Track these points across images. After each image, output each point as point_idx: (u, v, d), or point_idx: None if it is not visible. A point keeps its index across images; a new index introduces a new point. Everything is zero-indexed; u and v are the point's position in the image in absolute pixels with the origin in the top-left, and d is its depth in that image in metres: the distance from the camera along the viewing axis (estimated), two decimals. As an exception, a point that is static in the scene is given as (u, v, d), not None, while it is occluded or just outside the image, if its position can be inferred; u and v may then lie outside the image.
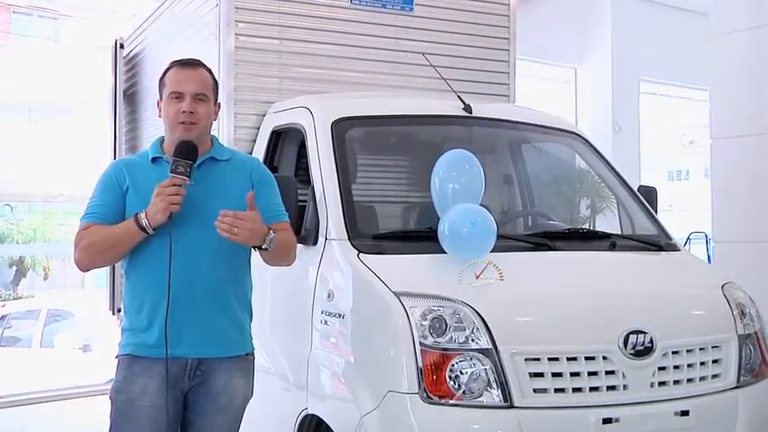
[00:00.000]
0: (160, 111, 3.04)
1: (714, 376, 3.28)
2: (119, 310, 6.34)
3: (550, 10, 9.39)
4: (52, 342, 10.89)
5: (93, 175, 3.11)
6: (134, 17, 6.41)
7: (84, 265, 2.97)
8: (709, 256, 7.86)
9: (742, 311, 3.49)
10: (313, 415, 3.40)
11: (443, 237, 3.23)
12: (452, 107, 3.94)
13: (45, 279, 16.04)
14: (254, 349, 3.11)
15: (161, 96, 3.03)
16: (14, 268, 16.17)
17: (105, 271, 6.71)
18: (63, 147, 12.57)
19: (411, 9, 4.68)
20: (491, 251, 3.19)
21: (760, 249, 5.59)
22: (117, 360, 2.98)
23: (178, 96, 2.92)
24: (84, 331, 10.47)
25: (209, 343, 2.92)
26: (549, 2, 9.34)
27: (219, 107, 3.11)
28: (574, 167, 4.51)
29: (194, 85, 2.95)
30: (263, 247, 2.85)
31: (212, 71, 3.10)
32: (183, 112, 2.90)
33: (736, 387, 3.31)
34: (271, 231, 2.85)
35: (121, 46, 6.47)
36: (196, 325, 2.88)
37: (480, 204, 3.32)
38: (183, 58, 3.10)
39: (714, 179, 6.08)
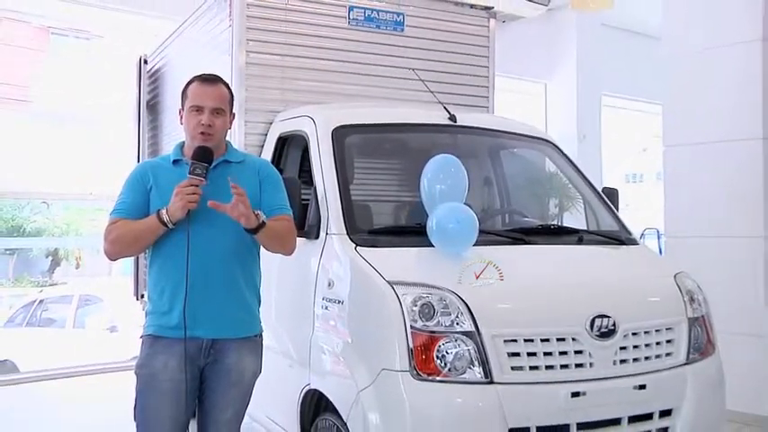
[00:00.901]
0: (181, 118, 3.03)
1: (667, 354, 3.29)
2: (142, 296, 6.34)
3: (524, 32, 9.39)
4: (83, 323, 10.90)
5: (120, 175, 3.11)
6: (156, 36, 6.35)
7: (113, 256, 2.97)
8: (660, 250, 7.85)
9: (691, 297, 3.49)
10: (315, 390, 3.38)
11: (431, 232, 3.21)
12: (439, 117, 3.93)
13: (77, 268, 16.10)
14: (262, 331, 3.10)
15: (183, 106, 3.02)
16: (50, 258, 16.27)
17: (130, 261, 6.68)
18: (93, 151, 12.53)
19: (402, 30, 4.66)
20: (473, 245, 3.18)
21: (705, 243, 5.60)
22: (141, 339, 2.98)
23: (198, 110, 2.93)
24: (112, 314, 10.48)
25: (221, 325, 2.92)
26: (522, 25, 9.34)
27: (234, 117, 3.11)
28: (546, 171, 4.49)
29: (213, 100, 2.95)
30: (253, 228, 2.81)
31: (229, 86, 3.08)
32: (202, 124, 2.89)
33: (685, 363, 3.32)
34: (258, 213, 2.83)
35: (145, 62, 6.44)
36: (210, 309, 2.88)
37: (464, 203, 3.29)
38: (205, 73, 3.08)
39: (666, 181, 6.07)
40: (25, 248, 16.30)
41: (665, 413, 3.22)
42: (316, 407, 3.46)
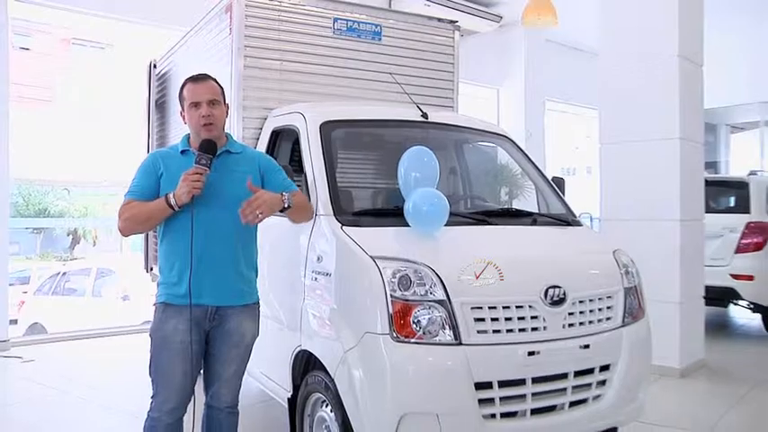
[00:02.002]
0: (184, 119, 2.96)
1: (607, 319, 3.25)
2: (151, 269, 6.24)
3: (480, 45, 9.44)
4: (100, 292, 10.80)
5: (131, 165, 3.05)
6: (165, 43, 6.16)
7: (125, 232, 2.90)
8: (593, 231, 7.84)
9: (627, 270, 3.45)
10: (305, 351, 3.29)
11: (408, 213, 3.11)
12: (413, 114, 3.84)
13: (93, 245, 16.12)
14: (259, 299, 3.04)
15: (182, 107, 2.95)
16: (71, 237, 16.24)
17: (140, 239, 6.56)
18: (108, 144, 12.34)
19: (380, 39, 4.55)
20: (444, 225, 3.10)
21: (633, 225, 5.61)
22: (154, 306, 2.91)
23: (196, 105, 2.86)
24: (124, 285, 10.37)
25: (224, 295, 2.87)
26: (478, 39, 9.36)
27: (228, 107, 3.03)
28: (504, 162, 4.41)
29: (206, 94, 2.89)
30: (286, 206, 2.84)
31: (218, 81, 3.01)
32: (203, 116, 2.83)
33: (621, 326, 3.29)
34: (283, 194, 2.83)
35: (154, 66, 6.28)
36: (214, 281, 2.83)
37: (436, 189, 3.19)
38: (194, 74, 3.01)
39: (601, 173, 6.05)
40: (50, 228, 16.33)
41: (604, 368, 3.19)
42: (305, 365, 3.36)
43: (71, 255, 15.62)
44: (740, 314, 8.36)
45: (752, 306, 7.22)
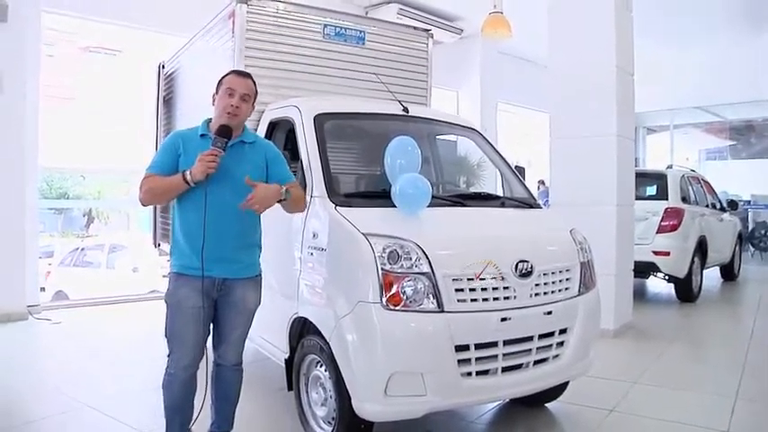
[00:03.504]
0: (214, 101, 2.73)
1: (566, 289, 3.13)
2: (158, 245, 5.96)
3: (442, 53, 9.11)
4: (113, 265, 10.50)
5: (142, 155, 2.89)
6: (170, 48, 5.85)
7: (145, 202, 2.70)
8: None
9: (582, 247, 3.32)
10: (301, 317, 3.09)
11: (395, 196, 2.92)
12: (395, 108, 3.65)
13: (106, 224, 15.76)
14: (261, 272, 2.83)
15: (217, 91, 2.73)
16: (86, 217, 15.86)
17: (149, 218, 6.26)
18: (119, 136, 12.01)
19: (364, 43, 4.33)
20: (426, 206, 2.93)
21: (578, 210, 5.41)
22: (169, 275, 2.73)
23: (231, 93, 2.66)
24: (134, 258, 10.11)
25: (230, 268, 2.67)
26: (441, 48, 9.13)
27: (254, 108, 2.81)
28: (463, 154, 4.24)
29: (244, 88, 2.71)
30: (283, 198, 2.63)
31: (256, 83, 2.80)
32: (232, 105, 2.66)
33: (578, 295, 3.17)
34: (282, 187, 2.64)
35: (162, 66, 5.95)
36: (222, 255, 2.64)
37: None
38: (240, 69, 2.88)
39: (552, 164, 5.92)
40: (69, 209, 15.95)
41: (563, 331, 3.08)
42: (301, 330, 3.15)
43: (87, 232, 15.24)
44: (656, 284, 8.42)
45: (667, 277, 7.26)
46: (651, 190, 7.59)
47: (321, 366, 2.95)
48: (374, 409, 2.64)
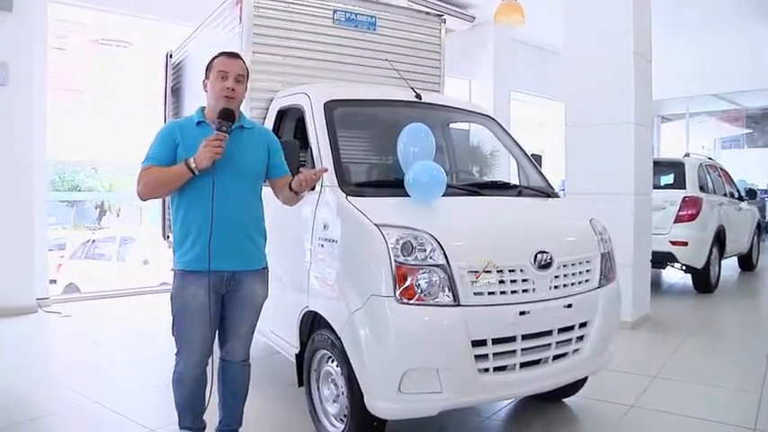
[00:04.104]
0: (205, 87, 2.60)
1: (586, 281, 2.99)
2: (167, 237, 5.83)
3: (454, 41, 9.02)
4: (124, 257, 10.48)
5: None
6: (179, 38, 5.73)
7: (144, 196, 2.52)
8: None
9: (602, 237, 3.18)
10: (312, 311, 2.97)
11: (408, 184, 2.79)
12: (407, 95, 3.51)
13: (117, 216, 15.78)
14: (267, 264, 2.71)
15: (207, 76, 2.59)
16: (98, 209, 15.88)
17: (158, 210, 6.19)
18: (131, 129, 11.97)
19: (375, 29, 4.19)
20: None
21: (594, 198, 5.29)
22: (173, 272, 2.58)
23: (224, 76, 2.52)
24: (144, 251, 10.07)
25: (239, 260, 2.54)
26: (453, 36, 8.99)
27: (247, 89, 2.67)
28: (486, 140, 4.10)
29: (237, 69, 2.57)
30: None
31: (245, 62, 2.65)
32: (228, 88, 2.52)
33: (598, 287, 3.03)
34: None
35: (170, 56, 5.83)
36: (230, 247, 2.51)
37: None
38: (228, 50, 2.67)
39: (567, 152, 5.75)
40: (81, 201, 15.96)
41: (583, 324, 2.95)
42: (311, 324, 3.05)
43: (98, 225, 15.22)
44: (672, 275, 8.26)
45: (684, 268, 7.11)
46: (668, 179, 7.42)
47: (333, 362, 2.85)
48: (387, 406, 2.54)
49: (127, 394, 3.73)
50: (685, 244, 6.84)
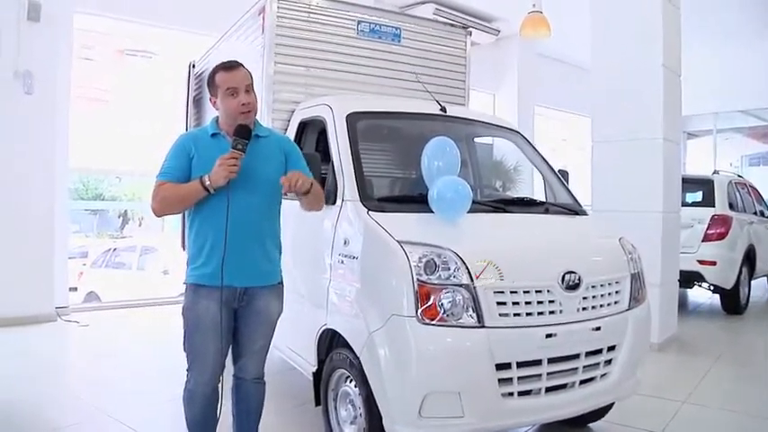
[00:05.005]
0: (214, 105, 2.52)
1: (615, 302, 2.87)
2: (185, 248, 5.80)
3: (479, 55, 8.98)
4: (144, 267, 10.46)
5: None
6: (202, 48, 5.73)
7: (159, 213, 2.47)
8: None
9: (631, 257, 3.05)
10: (330, 329, 2.88)
11: (432, 200, 2.71)
12: (432, 107, 3.43)
13: (139, 225, 15.87)
14: (282, 279, 2.62)
15: (214, 94, 2.51)
16: (121, 218, 16.01)
17: (178, 219, 6.17)
18: (153, 138, 12.06)
19: (399, 41, 4.14)
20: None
21: (621, 216, 5.12)
22: (186, 285, 2.51)
23: (234, 93, 2.43)
24: (165, 260, 10.05)
25: (252, 276, 2.47)
26: (477, 49, 8.94)
27: (256, 98, 2.57)
28: (509, 155, 4.00)
29: (243, 80, 2.48)
30: (308, 190, 2.46)
31: (244, 66, 2.57)
32: (243, 104, 2.43)
33: (627, 309, 2.90)
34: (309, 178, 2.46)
35: (193, 66, 5.86)
36: (244, 263, 2.43)
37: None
38: (224, 61, 2.57)
39: (594, 168, 5.62)
40: (104, 210, 16.11)
41: (611, 348, 2.82)
42: (329, 342, 2.96)
43: (121, 233, 15.34)
44: (698, 294, 8.02)
45: (712, 288, 6.90)
46: (696, 196, 7.23)
47: (351, 382, 2.76)
48: (407, 430, 2.43)
49: (140, 408, 3.67)
50: (714, 263, 6.63)
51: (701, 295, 8.05)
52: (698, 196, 7.21)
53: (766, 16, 9.08)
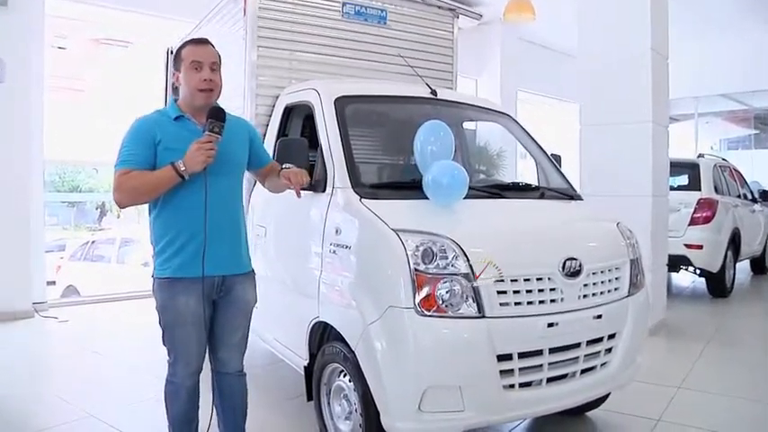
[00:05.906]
0: (177, 80, 2.35)
1: (616, 289, 2.79)
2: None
3: (462, 40, 8.93)
4: (124, 259, 10.21)
5: None
6: (181, 32, 5.54)
7: (125, 203, 2.27)
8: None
9: (630, 242, 2.97)
10: (322, 321, 2.76)
11: (427, 186, 2.59)
12: (422, 91, 3.31)
13: (118, 217, 15.64)
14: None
15: (178, 68, 2.34)
16: (99, 210, 15.72)
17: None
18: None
19: (385, 23, 4.01)
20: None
21: (609, 200, 5.02)
22: (158, 282, 2.34)
23: (197, 67, 2.27)
24: (144, 253, 9.82)
25: (230, 264, 2.36)
26: (461, 34, 8.86)
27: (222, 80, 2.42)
28: (506, 138, 3.89)
29: (210, 56, 2.31)
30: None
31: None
32: (205, 80, 2.27)
33: (627, 296, 2.83)
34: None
35: (171, 52, 5.64)
36: (222, 251, 2.31)
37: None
38: (195, 37, 2.44)
39: (582, 152, 5.55)
40: (81, 202, 15.80)
41: (612, 336, 2.74)
42: (321, 335, 2.83)
43: (99, 226, 15.06)
44: (682, 278, 8.08)
45: (699, 271, 6.92)
46: (682, 180, 7.21)
47: (345, 376, 2.64)
48: (406, 426, 2.33)
49: (123, 407, 3.52)
50: (700, 247, 6.64)
51: (684, 279, 8.08)
52: (683, 180, 7.19)
53: (738, 5, 9.08)
